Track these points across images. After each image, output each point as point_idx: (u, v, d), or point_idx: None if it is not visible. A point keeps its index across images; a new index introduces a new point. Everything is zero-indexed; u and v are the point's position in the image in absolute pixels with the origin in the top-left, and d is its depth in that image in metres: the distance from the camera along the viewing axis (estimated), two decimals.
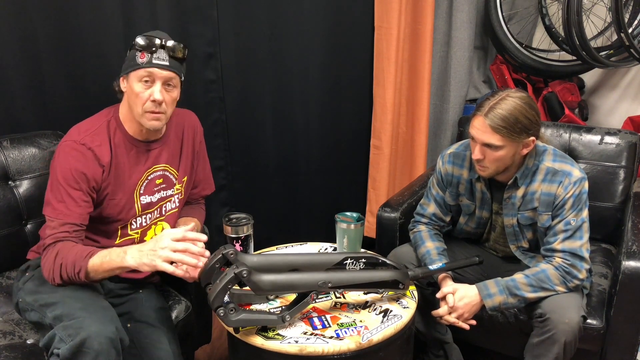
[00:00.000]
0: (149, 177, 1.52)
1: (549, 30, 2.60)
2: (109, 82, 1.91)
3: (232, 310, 1.26)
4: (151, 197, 1.54)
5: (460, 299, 1.51)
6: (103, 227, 1.49)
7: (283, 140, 2.36)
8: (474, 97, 2.67)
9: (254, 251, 1.63)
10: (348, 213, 1.64)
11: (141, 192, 1.51)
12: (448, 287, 1.55)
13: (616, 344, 1.57)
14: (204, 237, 1.29)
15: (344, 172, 2.53)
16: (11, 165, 1.66)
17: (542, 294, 1.48)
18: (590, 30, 2.47)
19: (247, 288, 1.31)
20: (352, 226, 1.59)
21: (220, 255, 1.32)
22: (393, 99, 2.37)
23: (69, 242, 1.35)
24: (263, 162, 2.35)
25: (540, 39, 2.72)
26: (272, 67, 2.24)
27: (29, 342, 1.42)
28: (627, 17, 2.37)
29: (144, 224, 1.54)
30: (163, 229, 1.59)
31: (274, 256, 1.51)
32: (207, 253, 1.28)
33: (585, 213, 1.52)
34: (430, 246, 1.67)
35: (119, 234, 1.51)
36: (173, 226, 1.61)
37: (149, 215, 1.55)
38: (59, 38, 1.81)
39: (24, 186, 1.67)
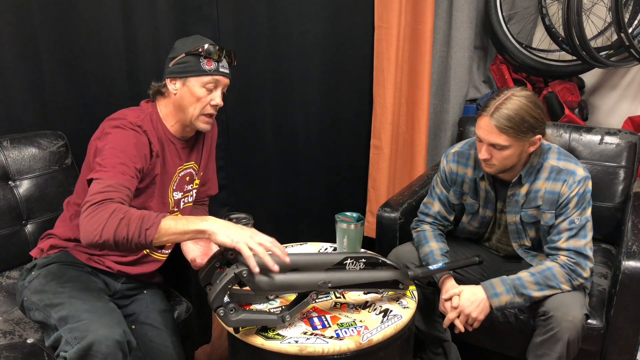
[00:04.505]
0: (180, 174, 1.56)
1: (549, 30, 2.60)
2: (109, 82, 1.92)
3: (232, 310, 1.26)
4: (181, 193, 1.57)
5: (466, 299, 1.50)
6: None
7: (283, 140, 2.36)
8: (474, 97, 2.67)
9: None
10: (348, 213, 1.64)
11: (174, 188, 1.54)
12: (454, 288, 1.54)
13: (616, 344, 1.57)
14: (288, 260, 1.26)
15: (344, 171, 2.53)
16: (11, 165, 1.66)
17: (548, 292, 1.47)
18: (590, 30, 2.47)
19: (247, 288, 1.31)
20: (352, 226, 1.58)
21: (220, 255, 1.32)
22: (393, 99, 2.37)
23: (126, 206, 1.25)
24: (263, 162, 2.35)
25: (540, 39, 2.72)
26: (272, 67, 2.24)
27: (29, 341, 1.42)
28: (627, 17, 2.37)
29: None
30: None
31: (273, 256, 1.51)
32: (276, 267, 1.23)
33: (589, 212, 1.53)
34: (435, 246, 1.67)
35: None
36: None
37: (175, 209, 1.58)
38: (59, 38, 1.81)
39: (24, 186, 1.67)
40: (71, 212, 1.51)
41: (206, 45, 1.43)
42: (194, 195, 1.66)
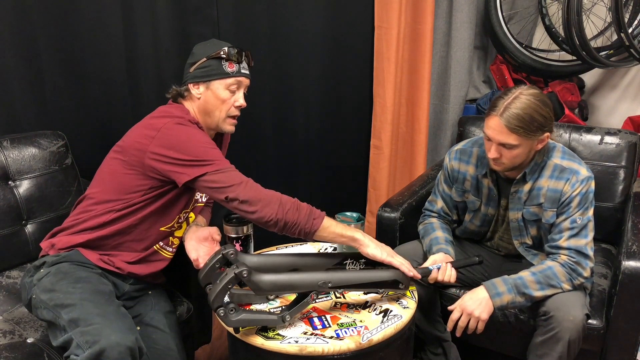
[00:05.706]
0: None
1: (549, 30, 2.60)
2: (109, 82, 1.92)
3: (232, 310, 1.26)
4: (199, 193, 1.58)
5: (469, 299, 1.50)
6: (169, 210, 1.49)
7: (283, 140, 2.36)
8: (474, 97, 2.67)
9: (254, 251, 1.64)
10: (348, 213, 1.65)
11: None
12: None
13: (616, 344, 1.57)
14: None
15: (344, 171, 2.53)
16: (11, 165, 1.66)
17: (549, 291, 1.48)
18: (590, 30, 2.47)
19: (247, 288, 1.31)
20: (352, 226, 1.58)
21: (220, 255, 1.32)
22: (393, 99, 2.37)
23: None
24: (263, 162, 2.35)
25: (540, 39, 2.72)
26: (272, 67, 2.24)
27: (29, 341, 1.42)
28: (627, 17, 2.37)
29: (184, 217, 1.57)
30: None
31: (274, 256, 1.51)
32: (418, 275, 1.47)
33: (590, 212, 1.53)
34: (440, 235, 1.69)
35: (174, 222, 1.52)
36: (196, 216, 1.65)
37: (188, 208, 1.57)
38: (59, 38, 1.81)
39: (24, 186, 1.67)
40: (100, 210, 1.45)
41: (227, 48, 1.46)
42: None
